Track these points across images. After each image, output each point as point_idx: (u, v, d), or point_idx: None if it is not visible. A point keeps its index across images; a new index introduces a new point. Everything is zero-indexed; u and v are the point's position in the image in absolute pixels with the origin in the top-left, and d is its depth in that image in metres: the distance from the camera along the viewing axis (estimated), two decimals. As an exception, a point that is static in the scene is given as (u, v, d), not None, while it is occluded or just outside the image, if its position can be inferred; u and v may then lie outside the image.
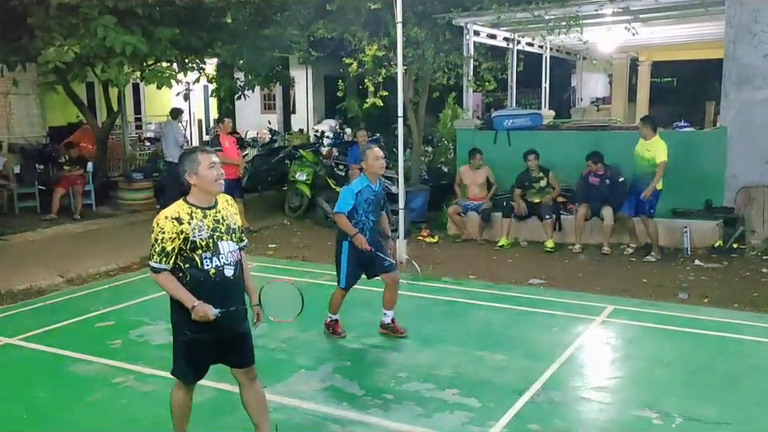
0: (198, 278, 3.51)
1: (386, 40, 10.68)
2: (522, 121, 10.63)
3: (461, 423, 4.34)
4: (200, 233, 3.49)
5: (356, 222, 5.60)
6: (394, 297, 5.92)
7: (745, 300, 6.84)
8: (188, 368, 3.72)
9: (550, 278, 7.84)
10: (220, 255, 3.55)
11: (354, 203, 5.58)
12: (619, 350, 5.89)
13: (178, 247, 3.48)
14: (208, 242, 3.52)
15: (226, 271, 3.57)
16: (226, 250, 3.58)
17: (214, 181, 3.55)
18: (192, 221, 3.49)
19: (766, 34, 8.92)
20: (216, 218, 3.59)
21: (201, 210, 3.55)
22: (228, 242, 3.60)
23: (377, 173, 5.68)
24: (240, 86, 13.82)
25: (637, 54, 19.15)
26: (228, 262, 3.58)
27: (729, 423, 4.31)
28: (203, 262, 3.51)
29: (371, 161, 5.64)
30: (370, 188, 5.65)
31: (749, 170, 9.05)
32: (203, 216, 3.54)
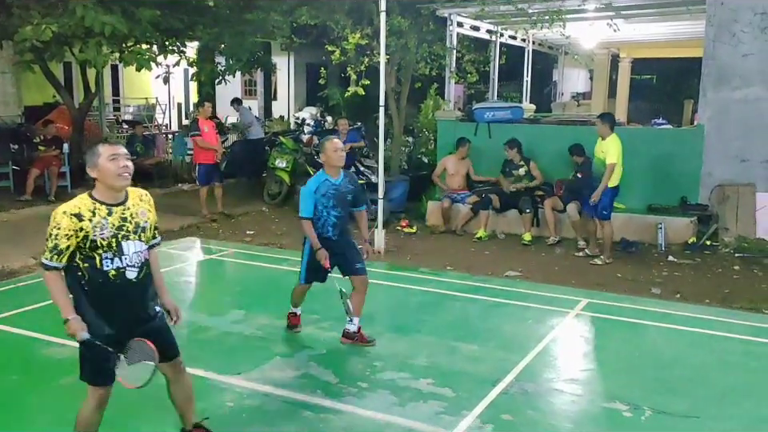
0: (97, 279, 3.24)
1: (370, 29, 10.64)
2: (502, 114, 10.66)
3: (434, 412, 4.36)
4: (102, 231, 3.22)
5: (317, 218, 5.35)
6: (361, 301, 5.57)
7: (716, 296, 6.96)
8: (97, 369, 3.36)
9: (526, 270, 7.90)
10: (123, 256, 3.28)
11: (315, 201, 5.32)
12: (592, 343, 5.97)
13: (75, 245, 3.21)
14: (110, 242, 3.25)
15: (127, 273, 3.30)
16: (131, 250, 3.31)
17: (117, 175, 3.27)
18: (94, 218, 3.23)
19: (746, 34, 9.04)
20: (123, 216, 3.32)
21: (105, 207, 3.28)
22: (134, 242, 3.33)
23: (336, 165, 5.34)
24: (221, 70, 13.67)
25: (618, 50, 19.31)
26: (132, 264, 3.31)
27: (697, 416, 4.39)
28: (103, 262, 3.24)
29: (330, 152, 5.31)
30: (328, 182, 5.32)
31: (724, 168, 9.18)
32: (107, 213, 3.27)
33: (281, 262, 8.09)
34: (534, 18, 10.93)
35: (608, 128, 8.10)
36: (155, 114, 20.64)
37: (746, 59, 9.07)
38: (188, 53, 13.25)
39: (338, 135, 11.00)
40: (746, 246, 8.61)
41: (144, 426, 4.20)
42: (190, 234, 9.68)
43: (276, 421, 4.25)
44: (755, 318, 6.31)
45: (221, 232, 9.84)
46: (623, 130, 10.64)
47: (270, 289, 7.20)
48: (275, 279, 7.63)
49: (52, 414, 4.31)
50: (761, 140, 9.03)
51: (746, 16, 9.03)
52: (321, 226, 5.38)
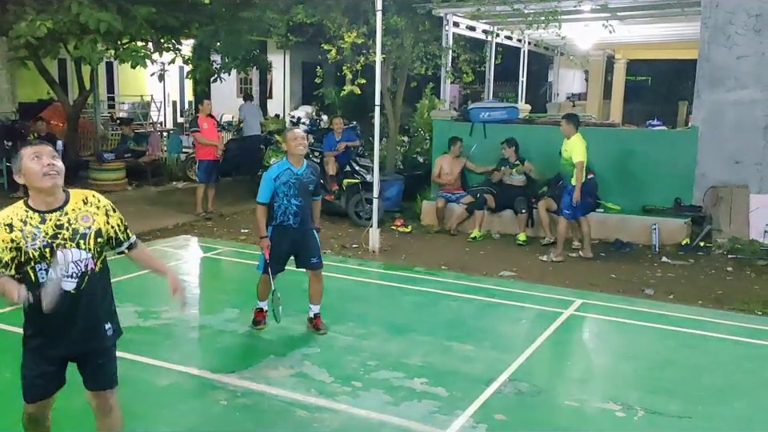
0: (35, 293, 2.89)
1: (366, 27, 10.63)
2: (498, 114, 10.66)
3: (428, 412, 4.37)
4: (33, 242, 2.94)
5: (278, 205, 5.50)
6: (319, 290, 5.78)
7: (709, 297, 6.98)
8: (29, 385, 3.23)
9: (520, 270, 7.91)
10: (58, 267, 2.96)
11: (274, 187, 5.48)
12: (586, 344, 5.99)
13: (12, 258, 2.95)
14: (42, 252, 2.96)
15: (64, 285, 2.96)
16: (68, 259, 3.00)
17: (41, 175, 2.96)
18: (25, 227, 2.95)
19: (740, 36, 9.07)
20: (58, 223, 3.01)
21: (39, 215, 2.99)
22: (72, 250, 3.01)
23: (296, 154, 5.51)
24: (216, 68, 13.65)
25: (613, 51, 19.35)
26: (68, 274, 3.00)
27: (690, 417, 4.41)
28: (38, 275, 2.98)
29: (290, 142, 5.51)
30: (290, 171, 5.48)
31: (718, 169, 9.21)
32: (40, 221, 2.98)
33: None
34: (529, 18, 10.95)
35: (573, 128, 8.28)
36: (150, 111, 20.58)
37: (740, 61, 9.11)
38: (183, 50, 13.23)
39: (333, 134, 11.02)
40: (739, 247, 8.64)
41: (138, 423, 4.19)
42: (185, 232, 9.66)
43: (270, 420, 4.25)
44: (748, 320, 6.34)
45: (215, 230, 9.82)
46: (618, 131, 10.71)
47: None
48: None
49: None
50: (754, 142, 9.06)
51: (741, 18, 9.06)
52: (282, 214, 5.53)
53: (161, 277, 3.51)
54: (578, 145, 8.15)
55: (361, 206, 10.23)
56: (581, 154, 8.10)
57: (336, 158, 10.77)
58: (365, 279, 7.68)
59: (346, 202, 10.44)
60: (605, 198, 9.36)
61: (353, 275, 7.71)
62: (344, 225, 10.16)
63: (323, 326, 5.79)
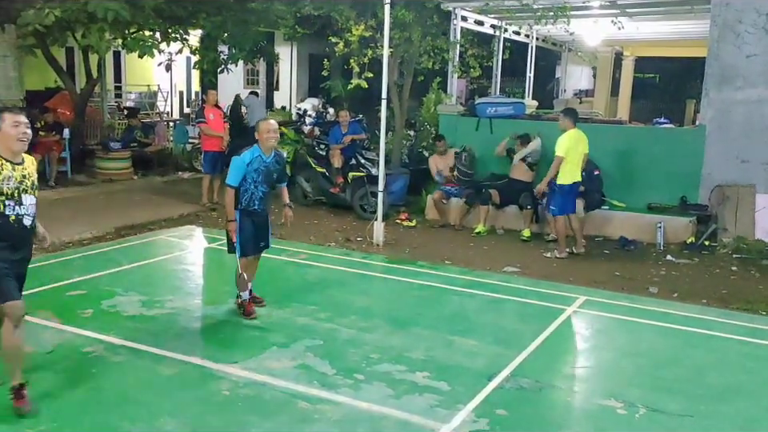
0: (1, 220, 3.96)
1: (374, 21, 10.61)
2: (504, 109, 10.64)
3: (429, 405, 4.37)
4: (8, 183, 3.97)
5: (245, 189, 5.70)
6: (255, 270, 6.10)
7: (714, 296, 6.97)
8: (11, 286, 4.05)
9: (524, 266, 7.90)
10: (22, 206, 4.04)
11: (245, 173, 5.67)
12: (589, 341, 5.98)
13: None
14: (14, 192, 3.99)
15: (24, 220, 4.07)
16: (28, 202, 4.09)
17: (16, 139, 4.00)
18: (3, 171, 3.95)
19: (750, 35, 9.02)
20: (23, 173, 4.06)
21: (11, 164, 4.01)
22: (30, 196, 4.10)
23: (268, 146, 5.72)
24: (223, 59, 13.63)
25: (621, 48, 19.28)
26: (28, 213, 4.09)
27: (691, 416, 4.40)
28: (6, 208, 3.98)
29: (263, 133, 5.70)
30: (260, 158, 5.70)
31: (724, 168, 9.17)
32: (12, 169, 4.00)
33: (279, 253, 8.08)
34: (538, 13, 10.91)
35: (570, 123, 8.27)
36: (157, 101, 20.59)
37: (749, 60, 9.05)
38: (191, 41, 13.21)
39: (339, 127, 11.00)
40: (744, 246, 8.61)
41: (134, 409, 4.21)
42: (189, 222, 9.68)
43: (272, 410, 4.26)
44: (752, 319, 6.32)
45: (220, 221, 9.81)
46: (625, 128, 10.67)
47: (268, 279, 7.19)
48: (273, 269, 7.62)
49: (48, 399, 4.31)
50: (762, 141, 9.02)
51: (751, 17, 9.00)
52: (248, 199, 5.75)
53: None
54: (562, 140, 8.16)
55: (366, 199, 10.23)
56: (560, 149, 8.12)
57: (342, 150, 10.76)
58: (368, 272, 7.68)
59: (351, 195, 10.44)
60: (610, 195, 9.34)
61: (356, 268, 7.72)
62: (348, 218, 10.16)
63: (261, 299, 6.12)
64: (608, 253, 8.65)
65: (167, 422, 4.05)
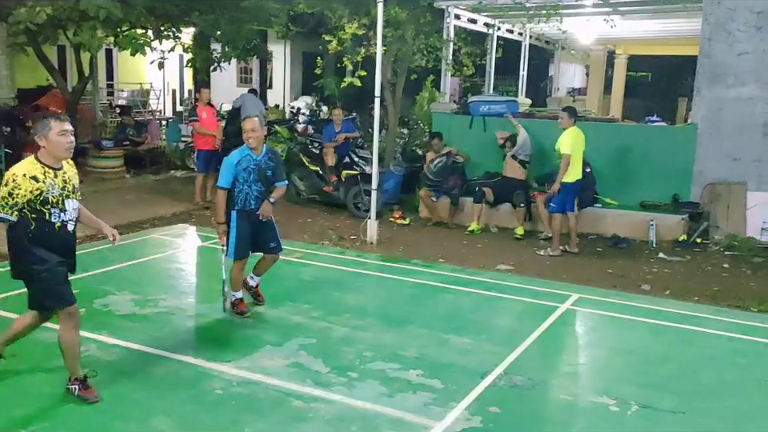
0: (44, 228, 3.98)
1: (367, 19, 10.59)
2: (498, 107, 10.65)
3: (423, 403, 4.38)
4: (53, 191, 3.96)
5: (239, 190, 5.61)
6: (267, 268, 6.05)
7: (705, 293, 7.00)
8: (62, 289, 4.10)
9: (518, 264, 7.93)
10: (66, 212, 4.05)
11: (235, 173, 5.59)
12: (581, 338, 6.00)
13: (29, 201, 3.91)
14: (58, 200, 4.00)
15: (68, 226, 4.10)
16: (71, 207, 4.09)
17: (65, 149, 3.99)
18: (46, 180, 3.95)
19: (742, 33, 9.06)
20: (64, 179, 4.05)
21: (53, 171, 3.99)
22: (73, 200, 4.10)
23: (248, 145, 5.62)
24: (216, 57, 13.59)
25: (614, 46, 19.33)
26: (71, 218, 4.11)
27: (683, 412, 4.43)
28: (51, 216, 3.99)
29: (244, 132, 5.64)
30: (250, 157, 5.60)
31: (716, 166, 9.22)
32: (54, 176, 3.99)
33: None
34: (531, 12, 10.93)
35: (570, 120, 8.27)
36: (149, 99, 20.52)
37: (741, 58, 9.09)
38: (183, 39, 13.17)
39: (332, 125, 11.00)
40: (735, 244, 8.66)
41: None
42: (182, 221, 9.65)
43: (265, 409, 4.26)
44: (743, 316, 6.36)
45: (213, 219, 9.79)
46: (618, 126, 10.72)
47: (261, 277, 7.19)
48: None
49: (40, 397, 4.30)
50: (753, 139, 9.07)
51: (743, 15, 9.04)
52: (243, 200, 5.65)
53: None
54: (566, 137, 8.18)
55: (359, 197, 10.23)
56: (567, 147, 8.13)
57: (335, 149, 10.76)
58: (362, 271, 7.69)
59: (345, 194, 10.44)
60: (603, 193, 9.38)
61: (350, 266, 7.72)
62: (342, 216, 10.16)
63: (262, 298, 6.10)
64: (601, 250, 8.68)
65: (161, 421, 4.04)
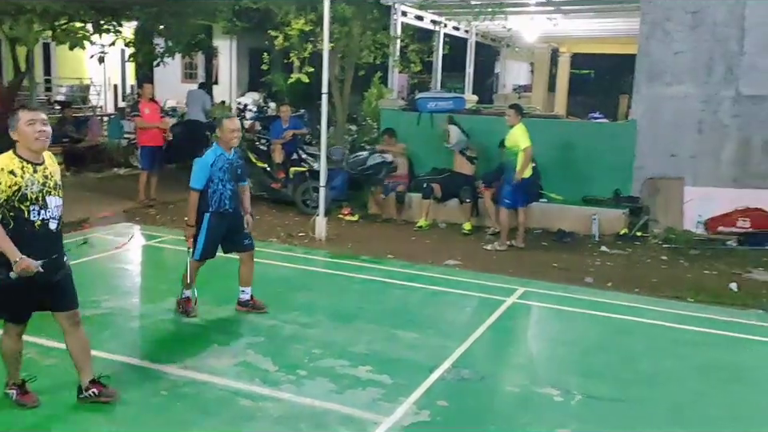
0: (23, 227, 3.71)
1: (313, 14, 10.54)
2: (445, 104, 10.76)
3: (372, 399, 4.40)
4: (32, 187, 3.70)
5: (213, 191, 5.53)
6: (250, 272, 5.91)
7: (645, 285, 7.22)
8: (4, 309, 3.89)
9: (465, 259, 8.02)
10: (47, 209, 3.78)
11: (210, 174, 5.51)
12: (527, 330, 6.12)
13: (8, 198, 3.66)
14: (38, 196, 3.73)
15: (50, 224, 3.81)
16: (53, 204, 3.82)
17: (34, 139, 3.71)
18: (25, 175, 3.69)
19: (678, 32, 9.36)
20: (45, 174, 3.80)
21: (31, 165, 3.74)
22: (55, 197, 3.84)
23: (231, 145, 5.59)
24: (159, 52, 13.32)
25: (558, 45, 19.71)
26: (53, 216, 3.83)
27: (623, 400, 4.56)
28: (30, 213, 3.72)
29: (227, 132, 5.53)
30: (223, 156, 5.55)
31: (655, 162, 9.52)
32: (33, 171, 3.74)
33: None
34: (476, 9, 11.07)
35: (517, 117, 8.44)
36: (89, 95, 19.94)
37: (677, 57, 9.40)
38: (125, 33, 12.86)
39: (280, 122, 10.91)
40: (673, 237, 8.96)
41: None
42: (126, 219, 9.43)
43: (212, 409, 4.20)
44: (680, 306, 6.59)
45: (158, 218, 9.62)
46: (561, 123, 10.95)
47: (208, 276, 7.08)
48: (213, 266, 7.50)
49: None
50: (689, 135, 9.39)
51: (678, 15, 9.35)
52: (218, 200, 5.57)
53: None
54: (521, 133, 8.32)
55: (308, 194, 10.18)
56: (527, 141, 8.26)
57: (283, 145, 10.68)
58: (311, 268, 7.66)
59: (293, 191, 10.38)
60: (548, 188, 9.57)
61: (299, 264, 7.69)
62: (291, 213, 10.09)
63: (261, 303, 5.91)
64: (546, 245, 8.86)
65: (102, 425, 3.95)
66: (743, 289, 7.09)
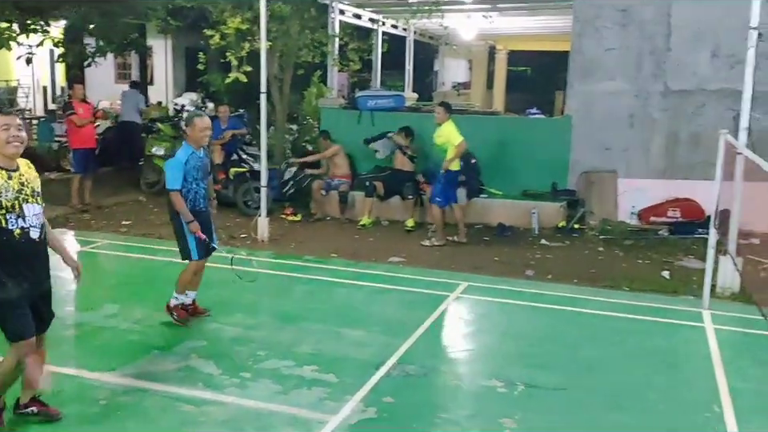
0: (2, 237, 3.54)
1: (250, 13, 10.40)
2: (385, 102, 10.79)
3: (318, 398, 4.38)
4: (6, 194, 3.53)
5: (187, 190, 5.45)
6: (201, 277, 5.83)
7: (583, 276, 7.42)
8: (24, 322, 3.67)
9: (409, 256, 8.07)
10: (25, 217, 3.60)
11: (184, 173, 5.42)
12: (471, 324, 6.20)
13: None
14: (14, 204, 3.56)
15: (31, 233, 3.63)
16: (31, 212, 3.64)
17: (6, 143, 3.56)
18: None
19: (608, 30, 9.64)
20: (21, 181, 3.63)
21: (5, 172, 3.57)
22: (33, 205, 3.66)
23: (201, 144, 5.51)
24: (90, 52, 12.90)
25: (495, 42, 20.05)
26: (33, 225, 3.65)
27: (565, 389, 4.68)
28: (8, 222, 3.55)
29: (197, 131, 5.43)
30: (195, 155, 5.46)
31: (590, 156, 9.78)
32: (8, 177, 3.57)
33: (158, 253, 7.81)
34: (413, 7, 11.14)
35: (445, 115, 8.55)
36: (17, 97, 19.17)
37: (608, 53, 9.68)
38: (53, 33, 12.40)
39: (219, 122, 10.72)
40: (608, 228, 9.23)
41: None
42: (60, 225, 9.07)
43: (154, 417, 4.11)
44: (617, 295, 6.79)
45: (93, 223, 9.33)
46: (500, 119, 11.14)
47: (147, 281, 6.93)
48: (153, 271, 7.36)
49: None
50: (621, 130, 9.69)
51: (609, 12, 9.63)
52: (192, 200, 5.49)
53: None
54: (452, 129, 8.42)
55: (249, 195, 10.05)
56: (458, 136, 8.36)
57: (223, 146, 10.51)
58: (254, 269, 7.55)
59: (234, 191, 10.23)
60: (488, 184, 9.71)
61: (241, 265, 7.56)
62: (232, 214, 9.93)
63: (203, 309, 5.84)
64: (488, 239, 9.00)
65: (39, 439, 3.81)
66: (675, 276, 7.36)
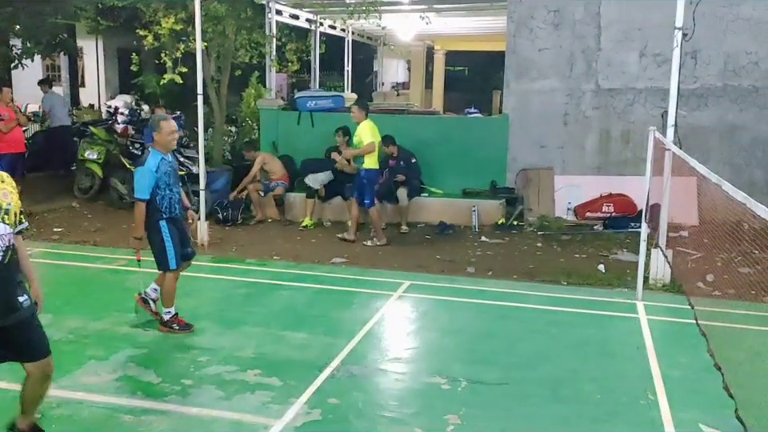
0: None
1: (184, 13, 10.21)
2: (324, 102, 10.77)
3: (262, 403, 4.34)
4: None
5: (162, 197, 5.30)
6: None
7: (522, 271, 7.58)
8: None
9: (351, 256, 8.08)
10: None
11: (156, 181, 5.27)
12: (414, 323, 6.25)
13: None
14: None
15: None
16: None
17: None
18: None
19: (541, 30, 9.88)
20: None
21: None
22: (1, 224, 3.26)
23: (170, 148, 5.41)
24: (16, 53, 12.42)
25: (433, 42, 20.23)
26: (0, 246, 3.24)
27: (507, 383, 4.77)
28: None
29: (165, 135, 5.33)
30: (165, 160, 5.36)
31: (527, 153, 10.00)
32: None
33: (94, 260, 7.59)
34: (350, 8, 11.14)
35: (363, 114, 8.59)
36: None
37: (542, 53, 9.92)
38: (-24, 33, 11.90)
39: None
40: (546, 224, 9.46)
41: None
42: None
43: (91, 429, 4.00)
44: (555, 289, 6.97)
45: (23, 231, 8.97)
46: (439, 118, 11.25)
47: (81, 289, 6.71)
48: (88, 279, 7.14)
49: None
50: (556, 128, 9.95)
51: (541, 13, 9.87)
52: (168, 206, 5.36)
53: None
54: (366, 129, 8.47)
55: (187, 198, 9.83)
56: (370, 136, 8.41)
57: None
58: (193, 273, 7.38)
59: (172, 195, 10.00)
60: (429, 183, 9.82)
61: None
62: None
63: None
64: (429, 238, 9.09)
65: (-33, 457, 3.65)
66: (610, 270, 7.60)
